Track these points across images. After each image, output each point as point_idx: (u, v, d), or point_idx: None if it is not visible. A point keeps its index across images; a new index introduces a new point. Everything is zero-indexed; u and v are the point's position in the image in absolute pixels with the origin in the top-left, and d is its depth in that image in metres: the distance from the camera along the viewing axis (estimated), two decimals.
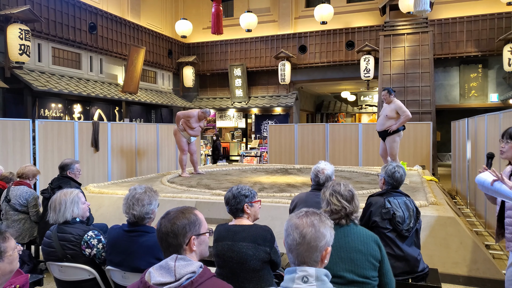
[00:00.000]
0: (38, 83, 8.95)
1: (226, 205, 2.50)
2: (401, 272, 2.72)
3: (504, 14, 11.52)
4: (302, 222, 1.50)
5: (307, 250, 1.47)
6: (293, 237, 1.48)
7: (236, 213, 2.47)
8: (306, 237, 1.47)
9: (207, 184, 6.16)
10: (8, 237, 1.66)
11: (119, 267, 2.38)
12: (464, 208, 7.45)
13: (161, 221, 1.63)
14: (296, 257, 1.48)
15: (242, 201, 2.46)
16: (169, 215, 1.63)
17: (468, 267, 3.71)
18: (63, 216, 2.60)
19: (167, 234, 1.58)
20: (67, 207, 2.61)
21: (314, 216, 1.53)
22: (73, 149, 7.27)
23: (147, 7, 13.88)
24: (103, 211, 5.02)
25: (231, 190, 2.52)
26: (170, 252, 1.59)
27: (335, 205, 2.15)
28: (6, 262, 1.62)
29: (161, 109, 14.22)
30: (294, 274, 1.46)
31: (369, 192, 5.08)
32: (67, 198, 2.62)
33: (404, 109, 5.97)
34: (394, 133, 6.09)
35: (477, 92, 12.34)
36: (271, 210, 4.40)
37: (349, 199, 2.17)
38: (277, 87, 14.67)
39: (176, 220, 1.60)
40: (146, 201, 2.36)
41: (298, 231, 1.48)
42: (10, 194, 4.07)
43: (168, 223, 1.60)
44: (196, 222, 1.64)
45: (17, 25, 8.38)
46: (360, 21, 13.48)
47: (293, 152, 10.30)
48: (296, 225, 1.50)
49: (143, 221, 2.38)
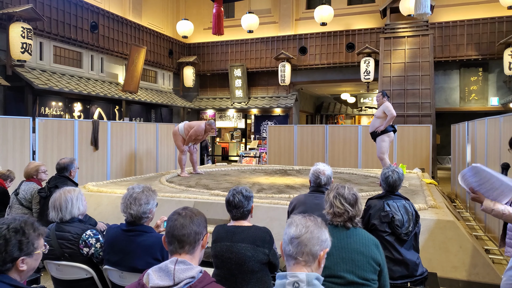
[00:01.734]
0: (39, 82, 8.94)
1: (234, 209, 2.43)
2: (400, 276, 2.71)
3: (504, 18, 11.53)
4: (305, 219, 1.57)
5: (306, 245, 1.48)
6: (296, 228, 1.53)
7: (243, 217, 2.44)
8: (310, 228, 1.52)
9: (205, 184, 6.15)
10: (42, 234, 1.70)
11: (116, 267, 2.37)
12: (463, 211, 7.44)
13: (180, 221, 1.61)
14: (296, 247, 1.49)
15: (249, 203, 2.47)
16: (185, 215, 1.64)
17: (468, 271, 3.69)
18: (70, 214, 2.58)
19: (189, 235, 1.59)
20: (74, 204, 2.60)
21: (317, 219, 1.61)
22: (73, 147, 7.27)
23: (148, 7, 13.88)
24: (101, 209, 5.01)
25: (236, 195, 2.45)
26: (185, 252, 1.59)
27: (338, 208, 2.15)
28: (34, 258, 1.65)
29: (161, 109, 14.22)
30: (284, 280, 1.44)
31: (368, 194, 5.07)
32: (73, 195, 2.61)
33: (390, 108, 6.02)
34: (383, 133, 6.14)
35: (477, 96, 12.34)
36: (269, 211, 4.39)
37: (352, 203, 2.17)
38: (277, 88, 14.67)
39: (195, 219, 1.64)
40: (143, 200, 2.35)
41: (302, 222, 1.55)
42: (21, 188, 4.23)
43: (190, 223, 1.61)
44: (206, 222, 1.70)
45: (19, 23, 8.38)
46: (361, 23, 13.49)
47: (292, 153, 10.29)
48: (299, 219, 1.57)
49: (140, 221, 2.37)
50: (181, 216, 1.62)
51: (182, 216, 1.62)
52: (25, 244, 1.60)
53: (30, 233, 1.62)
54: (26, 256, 1.60)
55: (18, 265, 1.58)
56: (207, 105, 15.25)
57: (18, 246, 1.58)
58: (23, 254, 1.59)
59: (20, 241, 1.59)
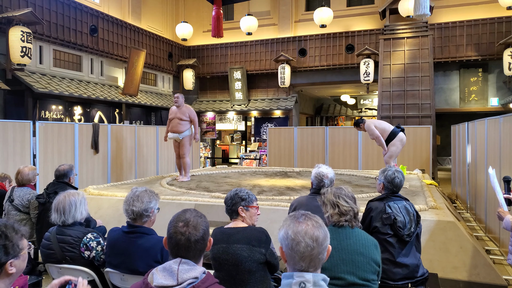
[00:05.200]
0: (39, 85, 8.96)
1: (226, 206, 2.56)
2: (401, 277, 2.70)
3: (504, 19, 11.55)
4: (308, 227, 1.47)
5: (320, 253, 1.45)
6: (305, 244, 1.43)
7: (232, 215, 2.53)
8: (319, 240, 1.45)
9: (206, 186, 6.16)
10: (24, 234, 1.71)
11: (117, 269, 2.38)
12: (464, 212, 7.44)
13: (186, 229, 1.57)
14: (309, 263, 1.44)
15: (237, 203, 2.49)
16: (190, 222, 1.60)
17: (468, 272, 3.69)
18: (73, 217, 2.59)
19: (196, 241, 1.57)
20: (77, 208, 2.61)
21: (314, 218, 1.51)
22: (73, 151, 7.27)
23: (147, 10, 13.91)
24: (102, 213, 5.01)
25: (231, 191, 2.59)
26: (190, 257, 1.57)
27: (344, 206, 2.19)
28: (21, 260, 1.67)
29: (161, 112, 14.23)
30: (291, 280, 1.44)
31: (368, 195, 5.08)
32: (76, 199, 2.63)
33: (373, 131, 6.36)
34: (391, 139, 6.43)
35: (477, 96, 12.35)
36: (270, 213, 4.40)
37: (353, 201, 2.26)
38: (276, 90, 14.69)
39: (201, 226, 1.61)
40: (146, 198, 2.40)
41: (308, 236, 1.44)
42: (14, 194, 4.09)
43: (194, 230, 1.58)
44: (209, 225, 1.69)
45: (19, 27, 8.40)
46: (360, 24, 13.51)
47: (293, 155, 10.30)
48: (305, 231, 1.45)
49: (141, 219, 2.39)
50: (184, 236, 1.57)
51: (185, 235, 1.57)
52: (11, 248, 1.60)
53: (13, 236, 1.63)
54: (14, 258, 1.61)
55: (7, 269, 1.59)
56: (207, 108, 15.26)
57: (4, 251, 1.58)
58: (11, 257, 1.60)
59: (4, 245, 1.59)
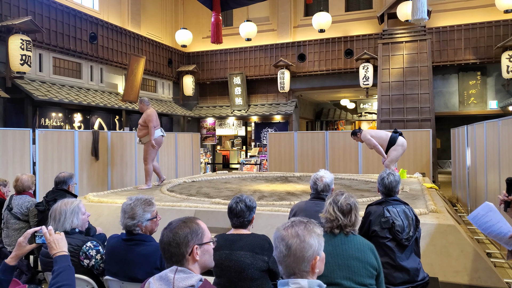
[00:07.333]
0: (39, 93, 8.98)
1: (235, 217, 2.42)
2: (401, 282, 2.70)
3: (501, 22, 11.60)
4: (287, 233, 1.49)
5: (294, 261, 1.46)
6: (280, 250, 1.48)
7: (243, 226, 2.43)
8: (292, 248, 1.46)
9: (206, 192, 6.15)
10: None
11: (117, 277, 2.37)
12: (464, 215, 7.42)
13: (163, 232, 1.64)
14: (285, 268, 1.48)
15: (252, 213, 2.46)
16: (171, 225, 1.64)
17: (469, 275, 3.68)
18: (62, 227, 2.58)
19: (169, 244, 1.58)
20: (67, 218, 2.59)
21: (299, 226, 1.51)
22: (73, 158, 7.28)
23: (147, 17, 13.98)
24: (102, 220, 5.00)
25: (243, 202, 2.44)
26: (173, 262, 1.58)
27: (330, 214, 2.18)
28: None
29: (161, 118, 14.25)
30: (286, 287, 1.45)
31: (369, 200, 5.07)
32: (67, 208, 2.61)
33: (370, 140, 6.57)
34: (392, 144, 6.58)
35: (476, 99, 12.37)
36: (270, 219, 4.38)
37: (345, 212, 2.17)
38: (276, 95, 14.72)
39: (178, 230, 1.61)
40: (130, 214, 2.41)
41: (283, 243, 1.48)
42: (13, 203, 4.07)
43: (170, 233, 1.61)
44: (199, 231, 1.64)
45: (18, 35, 8.44)
46: (359, 29, 13.57)
47: (293, 160, 10.29)
48: (282, 236, 1.50)
49: (133, 232, 2.42)
50: (165, 233, 1.64)
51: (166, 233, 1.64)
52: None
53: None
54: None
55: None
56: (207, 113, 15.29)
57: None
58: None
59: None
